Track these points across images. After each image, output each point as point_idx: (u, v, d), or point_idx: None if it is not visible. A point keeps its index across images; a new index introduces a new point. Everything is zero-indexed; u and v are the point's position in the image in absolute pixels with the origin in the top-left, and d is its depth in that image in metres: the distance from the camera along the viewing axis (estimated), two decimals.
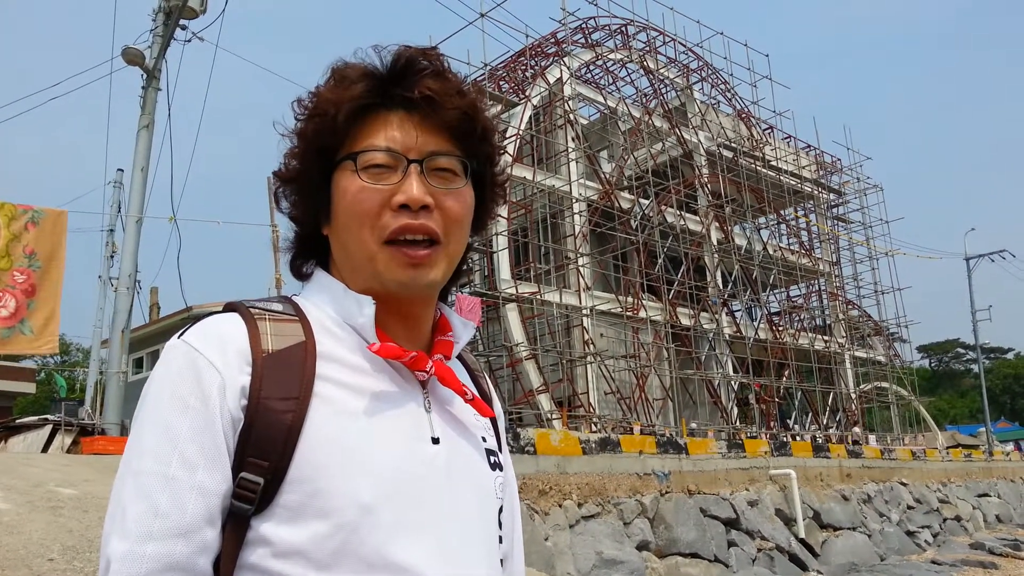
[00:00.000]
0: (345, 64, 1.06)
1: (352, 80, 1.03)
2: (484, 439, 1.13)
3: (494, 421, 1.18)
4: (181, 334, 0.99)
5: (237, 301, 1.04)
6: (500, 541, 1.11)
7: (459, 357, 1.21)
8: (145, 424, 0.93)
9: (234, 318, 1.00)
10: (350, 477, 0.93)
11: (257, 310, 1.01)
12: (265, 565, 0.91)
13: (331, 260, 1.10)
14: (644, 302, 23.29)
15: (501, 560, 1.11)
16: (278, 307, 1.03)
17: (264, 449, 0.92)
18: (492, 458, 1.12)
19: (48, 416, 10.55)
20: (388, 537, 0.93)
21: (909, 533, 17.08)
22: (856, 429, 28.93)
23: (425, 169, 1.02)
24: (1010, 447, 35.87)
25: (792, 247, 30.62)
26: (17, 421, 10.73)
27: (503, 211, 21.09)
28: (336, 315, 1.04)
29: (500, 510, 1.11)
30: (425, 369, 1.05)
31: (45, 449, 9.49)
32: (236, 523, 0.92)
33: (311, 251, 1.12)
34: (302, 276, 1.14)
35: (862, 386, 31.17)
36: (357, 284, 1.05)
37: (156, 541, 0.87)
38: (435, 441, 1.03)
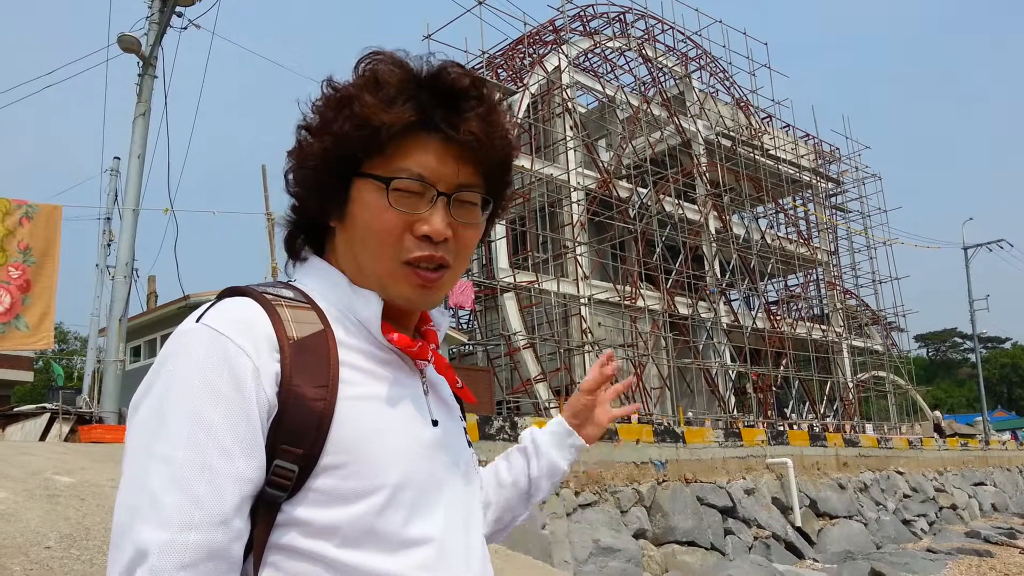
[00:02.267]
0: (380, 61, 1.03)
1: (395, 92, 1.00)
2: (462, 418, 1.22)
3: (462, 404, 1.25)
4: (199, 318, 0.97)
5: (244, 286, 1.02)
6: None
7: None
8: (171, 412, 0.91)
9: (252, 304, 0.98)
10: (380, 460, 0.97)
11: (272, 296, 1.00)
12: (296, 545, 0.94)
13: (330, 249, 1.11)
14: (642, 291, 23.30)
15: None
16: (289, 294, 1.03)
17: (297, 436, 0.93)
18: (467, 437, 1.21)
19: (46, 404, 10.55)
20: (408, 515, 0.99)
21: (905, 522, 17.15)
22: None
23: (452, 202, 1.04)
24: (1006, 436, 35.99)
25: (790, 236, 30.62)
26: (15, 409, 10.73)
27: None
28: (339, 304, 1.06)
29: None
30: (427, 358, 1.10)
31: (43, 437, 9.49)
32: (267, 508, 0.94)
33: (309, 233, 1.13)
34: (296, 255, 1.13)
35: (859, 375, 31.25)
36: (359, 283, 1.06)
37: (198, 530, 0.87)
38: (435, 423, 1.08)
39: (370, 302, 1.03)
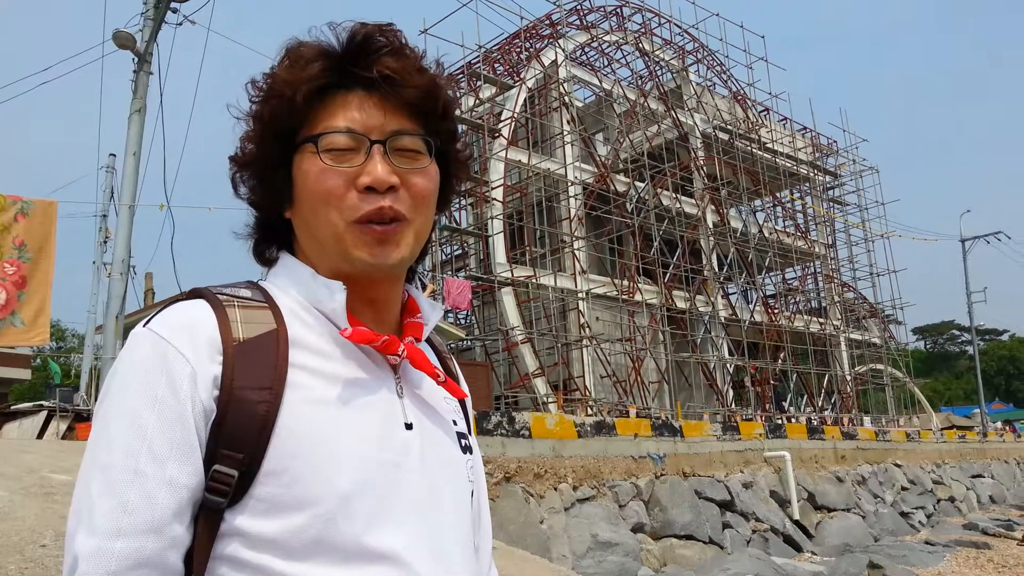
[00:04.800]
0: (300, 43, 1.02)
1: (308, 60, 1.00)
2: (455, 422, 1.12)
3: (463, 403, 1.18)
4: (147, 322, 0.95)
5: (203, 287, 1.01)
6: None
7: (427, 339, 1.18)
8: (111, 417, 0.90)
9: (201, 305, 0.96)
10: (325, 467, 0.91)
11: (225, 296, 0.98)
12: (240, 556, 0.89)
13: (295, 244, 1.08)
14: (640, 285, 23.30)
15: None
16: (246, 293, 1.00)
17: (238, 441, 0.90)
18: (463, 441, 1.12)
19: (43, 402, 10.52)
20: (365, 526, 0.92)
21: (903, 514, 17.18)
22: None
23: (388, 149, 1.00)
24: (1000, 425, 36.01)
25: (788, 229, 30.63)
26: (12, 407, 10.71)
27: (498, 194, 21.04)
28: (305, 300, 1.02)
29: (472, 493, 1.11)
30: (397, 353, 1.03)
31: (40, 435, 9.48)
32: (209, 516, 0.90)
33: (273, 236, 1.10)
34: (266, 262, 1.11)
35: (857, 368, 31.28)
36: (325, 267, 1.03)
37: (126, 537, 0.85)
38: (408, 427, 1.01)
39: (333, 292, 1.00)
